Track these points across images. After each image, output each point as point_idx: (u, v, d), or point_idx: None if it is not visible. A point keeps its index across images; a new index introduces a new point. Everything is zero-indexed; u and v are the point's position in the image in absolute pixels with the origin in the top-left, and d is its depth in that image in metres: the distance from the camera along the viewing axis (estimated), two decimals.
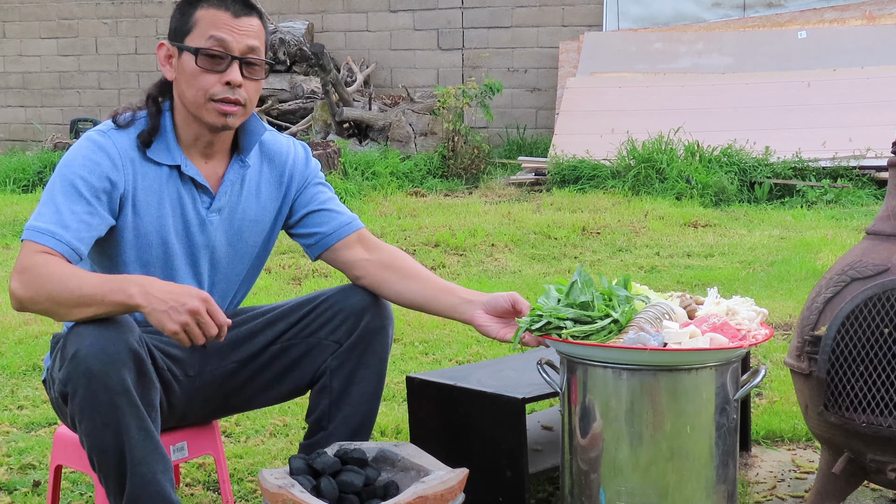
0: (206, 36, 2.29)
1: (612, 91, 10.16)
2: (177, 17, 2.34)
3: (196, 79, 2.30)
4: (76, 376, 2.09)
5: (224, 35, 2.29)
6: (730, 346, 2.28)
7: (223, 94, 2.30)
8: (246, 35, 2.32)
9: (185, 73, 2.31)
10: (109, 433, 2.11)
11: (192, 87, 2.31)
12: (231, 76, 2.30)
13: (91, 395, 2.09)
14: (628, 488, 2.32)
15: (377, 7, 12.01)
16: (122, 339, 2.11)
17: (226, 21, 2.30)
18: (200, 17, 2.30)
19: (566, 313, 2.37)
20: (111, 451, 2.13)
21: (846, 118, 9.02)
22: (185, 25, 2.32)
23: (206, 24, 2.29)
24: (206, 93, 2.30)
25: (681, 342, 2.25)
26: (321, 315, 2.50)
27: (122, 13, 12.95)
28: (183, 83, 2.32)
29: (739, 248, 6.56)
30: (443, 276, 5.94)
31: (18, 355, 4.39)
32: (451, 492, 2.10)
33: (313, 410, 2.53)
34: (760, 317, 2.40)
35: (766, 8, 10.73)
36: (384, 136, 10.67)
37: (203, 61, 2.29)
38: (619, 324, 2.35)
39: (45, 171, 9.85)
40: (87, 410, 2.10)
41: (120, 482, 2.15)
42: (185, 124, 2.37)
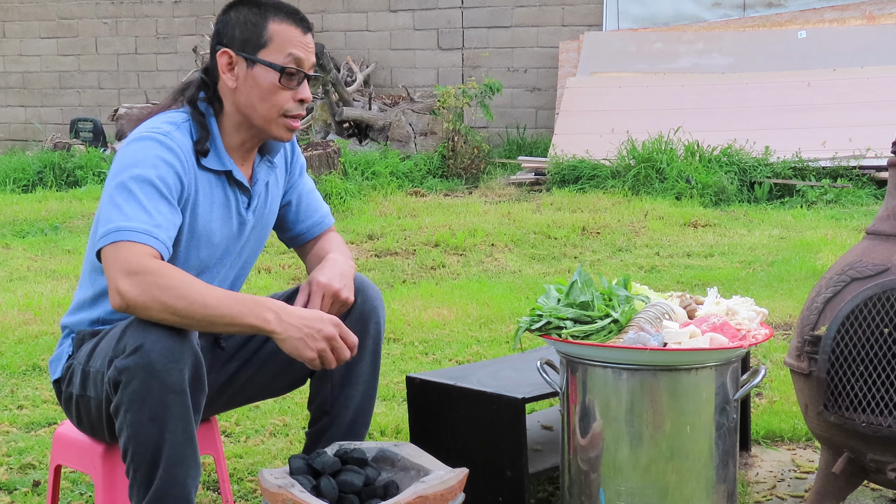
0: (284, 53, 2.32)
1: (612, 91, 10.16)
2: (243, 27, 2.33)
3: (273, 95, 2.32)
4: (135, 368, 2.09)
5: (300, 54, 2.33)
6: (730, 346, 2.28)
7: (296, 110, 2.36)
8: (312, 52, 2.38)
9: (259, 86, 2.32)
10: (154, 429, 2.11)
11: (266, 102, 2.33)
12: (304, 94, 2.35)
13: (146, 388, 2.09)
14: (628, 488, 2.32)
15: (377, 7, 12.01)
16: (188, 340, 2.13)
17: (299, 38, 2.34)
18: (275, 32, 2.32)
19: (566, 313, 2.38)
20: (150, 446, 2.12)
21: (846, 118, 9.02)
22: (258, 38, 2.32)
23: (283, 41, 2.32)
24: (280, 108, 2.34)
25: (681, 342, 2.26)
26: None
27: (122, 13, 12.95)
28: (255, 97, 2.33)
29: (739, 248, 6.56)
30: (443, 276, 5.98)
31: (18, 355, 4.39)
32: (451, 492, 2.10)
33: (315, 397, 2.57)
34: (760, 317, 2.40)
35: (766, 8, 10.73)
36: (384, 135, 10.67)
37: (285, 80, 2.32)
38: (618, 324, 2.36)
39: (45, 170, 9.84)
40: (138, 403, 2.10)
41: (149, 477, 2.14)
42: (234, 131, 2.38)
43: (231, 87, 2.34)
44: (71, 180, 9.77)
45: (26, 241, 7.22)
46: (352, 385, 2.54)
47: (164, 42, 12.80)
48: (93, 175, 9.65)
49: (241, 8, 2.35)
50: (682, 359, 2.27)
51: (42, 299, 5.41)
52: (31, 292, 5.60)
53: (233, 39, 2.33)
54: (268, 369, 2.57)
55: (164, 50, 12.78)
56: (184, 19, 12.71)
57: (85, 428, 2.38)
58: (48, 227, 7.65)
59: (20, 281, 5.97)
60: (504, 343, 4.50)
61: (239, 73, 2.33)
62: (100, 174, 9.65)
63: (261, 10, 2.34)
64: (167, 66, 12.73)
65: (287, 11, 2.35)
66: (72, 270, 6.15)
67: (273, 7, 2.34)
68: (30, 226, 7.69)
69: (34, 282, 5.92)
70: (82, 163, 9.84)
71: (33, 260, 6.59)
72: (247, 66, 2.32)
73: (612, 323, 2.37)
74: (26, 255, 6.74)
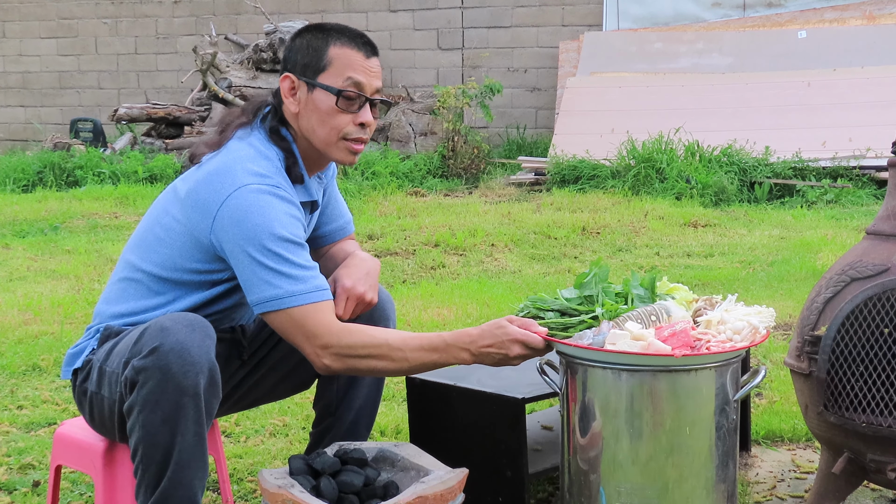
0: (343, 76, 2.33)
1: (612, 91, 10.16)
2: (305, 52, 2.35)
3: (332, 118, 2.34)
4: (152, 369, 2.09)
5: (360, 77, 2.35)
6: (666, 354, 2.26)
7: (356, 133, 2.37)
8: (376, 76, 2.39)
9: (318, 110, 2.34)
10: (167, 431, 2.12)
11: (325, 126, 2.34)
12: (365, 117, 2.36)
13: (161, 389, 2.09)
14: (628, 488, 2.32)
15: (377, 7, 12.01)
16: (206, 345, 2.13)
17: (360, 62, 2.36)
18: (335, 56, 2.34)
19: (552, 305, 2.42)
20: (161, 448, 2.13)
21: (846, 118, 9.02)
22: (318, 63, 2.34)
23: (343, 65, 2.34)
24: (339, 132, 2.35)
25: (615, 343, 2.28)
26: None
27: (122, 13, 12.95)
28: (315, 120, 2.35)
29: (739, 247, 6.56)
30: (443, 276, 5.98)
31: (18, 355, 4.39)
32: (450, 492, 2.10)
33: (321, 397, 2.60)
34: (748, 331, 2.36)
35: (766, 8, 10.72)
36: (384, 135, 10.67)
37: (342, 102, 2.33)
38: (597, 319, 2.39)
39: (45, 170, 9.84)
40: (152, 404, 2.10)
41: (157, 477, 2.15)
42: (306, 155, 2.41)
43: (294, 111, 2.36)
44: (71, 180, 9.78)
45: (26, 241, 7.22)
46: (357, 387, 2.56)
47: (164, 42, 12.80)
48: (93, 175, 9.65)
49: (306, 34, 2.38)
50: (681, 359, 2.27)
51: (42, 299, 5.41)
52: (31, 292, 5.60)
53: (295, 64, 2.35)
54: (276, 373, 2.57)
55: (164, 50, 12.78)
56: (184, 19, 12.71)
57: (95, 425, 2.37)
58: (48, 227, 7.65)
59: (20, 281, 5.97)
60: None
61: (300, 98, 2.35)
62: (99, 174, 9.65)
63: (324, 34, 2.36)
64: (167, 66, 12.73)
65: (350, 35, 2.36)
66: (72, 270, 6.15)
67: (336, 31, 2.36)
68: (30, 226, 7.69)
69: (34, 282, 5.92)
70: (82, 163, 9.84)
71: (33, 260, 6.58)
72: (307, 91, 2.34)
73: (591, 318, 2.39)
74: (26, 255, 6.74)
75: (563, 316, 2.44)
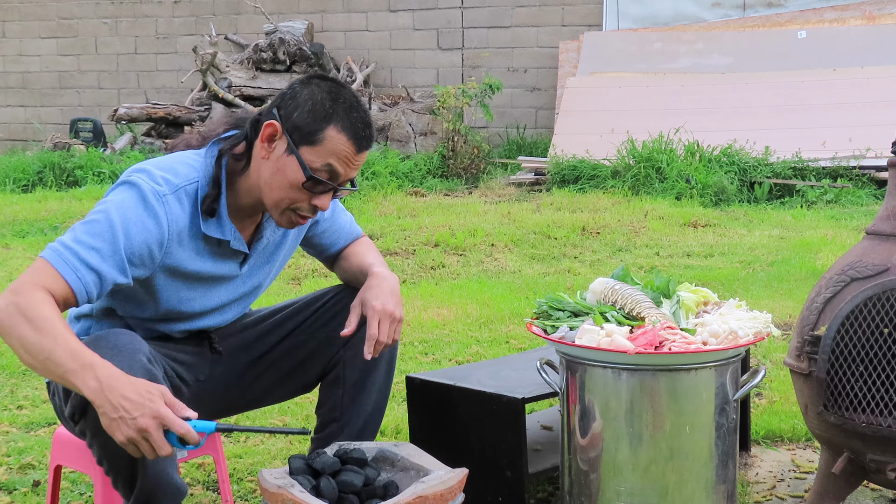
0: (324, 160, 2.22)
1: (612, 91, 10.16)
2: (305, 115, 2.22)
3: (292, 189, 2.24)
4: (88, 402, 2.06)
5: (339, 168, 2.24)
6: (621, 350, 2.28)
7: (306, 212, 2.28)
8: (356, 169, 2.29)
9: (283, 174, 2.23)
10: (122, 449, 2.10)
11: (281, 191, 2.25)
12: (322, 203, 2.26)
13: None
14: (628, 488, 2.32)
15: (377, 7, 12.01)
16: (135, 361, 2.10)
17: (348, 154, 2.24)
18: (329, 138, 2.22)
19: (566, 306, 2.42)
20: (124, 460, 2.14)
21: (846, 118, 9.02)
22: (311, 134, 2.22)
23: (330, 150, 2.22)
24: (292, 203, 2.26)
25: (583, 337, 2.32)
26: (329, 310, 2.56)
27: (121, 13, 12.95)
28: (275, 180, 2.25)
29: (739, 248, 6.56)
30: (443, 277, 5.98)
31: None
32: (450, 492, 2.10)
33: (324, 402, 2.57)
34: (726, 335, 2.35)
35: (766, 8, 10.72)
36: (384, 135, 10.67)
37: (309, 184, 2.23)
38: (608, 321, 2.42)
39: (45, 170, 9.85)
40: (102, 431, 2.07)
41: (131, 480, 2.17)
42: (247, 195, 2.31)
43: (261, 156, 2.26)
44: (70, 180, 9.78)
45: (26, 241, 7.22)
46: (365, 393, 2.53)
47: (163, 42, 12.80)
48: (92, 175, 9.65)
49: (318, 93, 2.24)
50: (681, 359, 2.28)
51: None
52: None
53: (289, 118, 2.23)
54: (275, 372, 2.57)
55: (164, 50, 12.78)
56: (184, 19, 12.71)
57: (65, 424, 2.39)
58: (48, 227, 7.64)
59: None
60: (504, 343, 4.50)
61: (275, 150, 2.24)
62: (99, 174, 9.66)
63: (332, 106, 2.23)
64: (167, 66, 12.73)
65: (353, 122, 2.23)
66: None
67: (345, 111, 2.23)
68: (30, 226, 7.69)
69: None
70: (82, 163, 9.84)
71: (33, 260, 6.57)
72: (285, 150, 2.24)
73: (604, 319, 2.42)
74: (26, 255, 6.73)
75: (576, 317, 2.44)
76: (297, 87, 2.27)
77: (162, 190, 2.21)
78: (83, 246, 2.13)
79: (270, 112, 2.27)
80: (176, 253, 2.25)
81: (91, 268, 2.11)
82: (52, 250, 2.14)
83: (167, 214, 2.20)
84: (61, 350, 2.00)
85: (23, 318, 2.03)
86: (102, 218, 2.16)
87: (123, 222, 2.15)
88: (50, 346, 2.00)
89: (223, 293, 2.41)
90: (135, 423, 1.97)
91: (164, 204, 2.20)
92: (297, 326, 2.57)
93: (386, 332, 2.37)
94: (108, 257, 2.13)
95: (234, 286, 2.43)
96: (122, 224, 2.15)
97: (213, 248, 2.32)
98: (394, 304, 2.39)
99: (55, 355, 2.00)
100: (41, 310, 2.04)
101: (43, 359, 2.01)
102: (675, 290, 2.53)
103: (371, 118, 2.29)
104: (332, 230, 2.59)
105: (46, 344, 2.01)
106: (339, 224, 2.60)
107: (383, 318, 2.36)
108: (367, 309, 2.38)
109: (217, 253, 2.33)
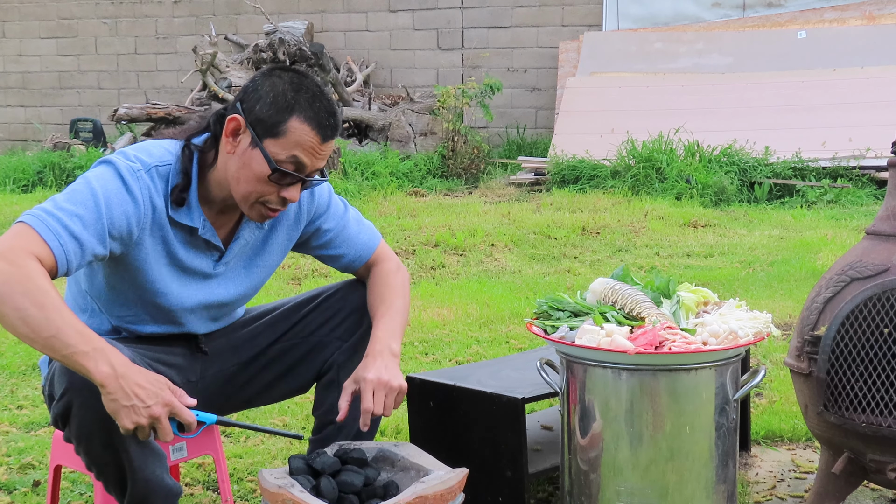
0: (289, 151, 2.19)
1: (612, 91, 10.16)
2: (267, 107, 2.19)
3: (259, 183, 2.21)
4: (69, 409, 2.10)
5: (305, 159, 2.21)
6: (621, 350, 2.27)
7: (276, 204, 2.25)
8: (322, 158, 2.25)
9: (249, 167, 2.21)
10: (108, 453, 2.14)
11: (249, 184, 2.22)
12: (290, 195, 2.23)
13: (87, 423, 2.11)
14: (628, 488, 2.32)
15: (377, 7, 12.01)
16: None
17: (313, 144, 2.20)
18: (292, 129, 2.18)
19: (566, 306, 2.41)
20: (111, 465, 2.16)
21: (846, 118, 9.02)
22: (273, 126, 2.19)
23: (294, 141, 2.19)
24: (260, 196, 2.23)
25: (583, 337, 2.32)
26: (323, 313, 2.54)
27: (121, 13, 12.95)
28: (242, 174, 2.22)
29: (739, 248, 6.56)
30: (443, 276, 5.98)
31: (18, 355, 4.39)
32: (450, 492, 2.10)
33: (321, 404, 2.55)
34: (726, 336, 2.36)
35: (766, 8, 10.72)
36: (384, 136, 10.67)
37: (275, 176, 2.20)
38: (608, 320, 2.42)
39: (45, 171, 9.85)
40: (85, 437, 2.12)
41: (121, 483, 2.19)
42: (217, 189, 2.28)
43: (227, 151, 2.24)
44: (70, 180, 9.76)
45: None
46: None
47: (163, 42, 12.80)
48: None
49: (280, 83, 2.21)
50: (681, 359, 2.28)
51: None
52: None
53: (251, 111, 2.20)
54: (268, 374, 2.55)
55: (164, 50, 12.78)
56: (184, 19, 12.71)
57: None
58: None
59: None
60: (504, 343, 4.50)
61: (240, 144, 2.22)
62: None
63: (294, 96, 2.20)
64: (167, 66, 12.73)
65: (316, 111, 2.20)
66: None
67: (307, 101, 2.20)
68: None
69: None
70: (82, 163, 9.84)
71: None
72: (249, 144, 2.20)
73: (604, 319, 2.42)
74: None
75: (576, 317, 2.44)
76: (258, 79, 2.24)
77: (136, 167, 2.20)
78: (65, 213, 2.09)
79: (234, 106, 2.24)
80: (150, 233, 2.24)
81: (73, 235, 2.08)
82: (34, 216, 2.08)
83: (141, 190, 2.19)
84: (70, 329, 1.97)
85: (21, 288, 1.96)
86: (83, 187, 2.15)
87: (105, 192, 2.14)
88: (57, 324, 1.96)
89: (200, 291, 2.36)
90: (148, 411, 1.99)
91: (138, 180, 2.19)
92: (288, 329, 2.54)
93: (381, 403, 2.27)
94: (89, 225, 2.10)
95: (212, 287, 2.38)
96: (103, 194, 2.14)
97: (185, 235, 2.29)
98: (390, 374, 2.30)
99: (63, 334, 1.96)
100: (41, 283, 1.99)
101: (48, 336, 1.95)
102: (675, 290, 2.53)
103: (336, 107, 2.26)
104: (339, 241, 2.52)
105: (54, 321, 1.96)
106: (348, 234, 2.53)
107: (378, 389, 2.27)
108: (360, 382, 2.29)
109: (189, 242, 2.30)
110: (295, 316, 2.55)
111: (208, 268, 2.36)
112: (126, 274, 2.27)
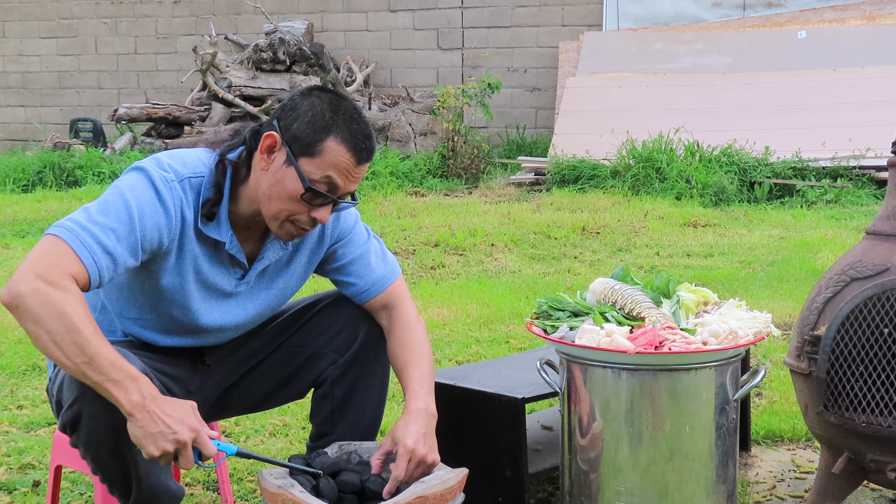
0: (323, 172, 2.18)
1: (611, 91, 10.16)
2: (305, 126, 2.19)
3: (290, 201, 2.20)
4: (79, 418, 2.10)
5: (339, 181, 2.20)
6: (621, 350, 2.27)
7: (305, 225, 2.25)
8: (355, 181, 2.24)
9: (282, 185, 2.20)
10: (115, 462, 2.15)
11: (280, 203, 2.20)
12: (321, 215, 2.22)
13: (96, 433, 2.11)
14: (628, 488, 2.32)
15: (377, 7, 12.01)
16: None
17: (348, 166, 2.20)
18: (328, 150, 2.18)
19: (566, 306, 2.41)
20: (118, 472, 2.17)
21: (846, 118, 9.02)
22: (310, 146, 2.18)
23: (330, 161, 2.18)
24: (290, 214, 2.22)
25: (583, 337, 2.32)
26: (319, 324, 2.52)
27: (121, 13, 12.95)
28: (274, 192, 2.20)
29: (739, 247, 6.56)
30: (443, 276, 5.98)
31: (18, 355, 4.39)
32: (450, 492, 2.10)
33: (316, 414, 2.55)
34: (726, 336, 2.36)
35: (766, 8, 10.73)
36: (384, 135, 10.67)
37: (308, 196, 2.19)
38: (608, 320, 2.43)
39: (45, 170, 9.85)
40: (93, 446, 2.13)
41: (126, 488, 2.21)
42: (247, 205, 2.27)
43: (260, 168, 2.23)
44: (70, 180, 9.78)
45: (26, 241, 7.22)
46: (359, 410, 2.49)
47: (163, 42, 12.80)
48: (92, 175, 9.65)
49: (319, 103, 2.21)
50: (681, 359, 2.28)
51: None
52: None
53: (288, 129, 2.20)
54: (266, 383, 2.55)
55: (164, 50, 12.78)
56: (184, 19, 12.71)
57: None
58: (48, 227, 7.63)
59: None
60: (504, 343, 4.50)
61: (275, 161, 2.21)
62: (99, 174, 9.66)
63: (332, 117, 2.19)
64: (167, 66, 12.73)
65: (353, 134, 2.19)
66: None
67: (344, 123, 2.19)
68: (30, 226, 7.69)
69: None
70: (82, 163, 9.84)
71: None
72: (284, 162, 2.19)
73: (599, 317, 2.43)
74: (26, 255, 6.73)
75: (576, 317, 2.45)
76: (297, 98, 2.24)
77: (169, 177, 2.20)
78: (99, 227, 2.09)
79: (271, 123, 2.24)
80: (178, 244, 2.23)
81: (107, 251, 2.08)
82: (67, 230, 2.08)
83: (174, 201, 2.19)
84: (101, 358, 1.98)
85: (57, 311, 1.97)
86: (116, 199, 2.14)
87: (138, 204, 2.14)
88: (93, 352, 1.97)
89: (218, 311, 2.35)
90: (175, 438, 1.99)
91: (171, 190, 2.19)
92: (285, 340, 2.53)
93: (411, 474, 2.21)
94: (122, 238, 2.10)
95: (230, 307, 2.37)
96: (136, 205, 2.13)
97: (210, 249, 2.29)
98: (428, 447, 2.25)
99: (95, 362, 1.97)
100: (77, 308, 1.99)
101: (81, 362, 1.97)
102: (675, 290, 2.53)
103: (372, 131, 2.26)
104: (353, 269, 2.47)
105: (86, 349, 1.97)
106: (364, 264, 2.48)
107: (413, 459, 2.22)
108: (399, 446, 2.24)
109: (214, 256, 2.30)
110: (293, 326, 2.54)
111: (230, 286, 2.35)
112: (148, 280, 2.26)
